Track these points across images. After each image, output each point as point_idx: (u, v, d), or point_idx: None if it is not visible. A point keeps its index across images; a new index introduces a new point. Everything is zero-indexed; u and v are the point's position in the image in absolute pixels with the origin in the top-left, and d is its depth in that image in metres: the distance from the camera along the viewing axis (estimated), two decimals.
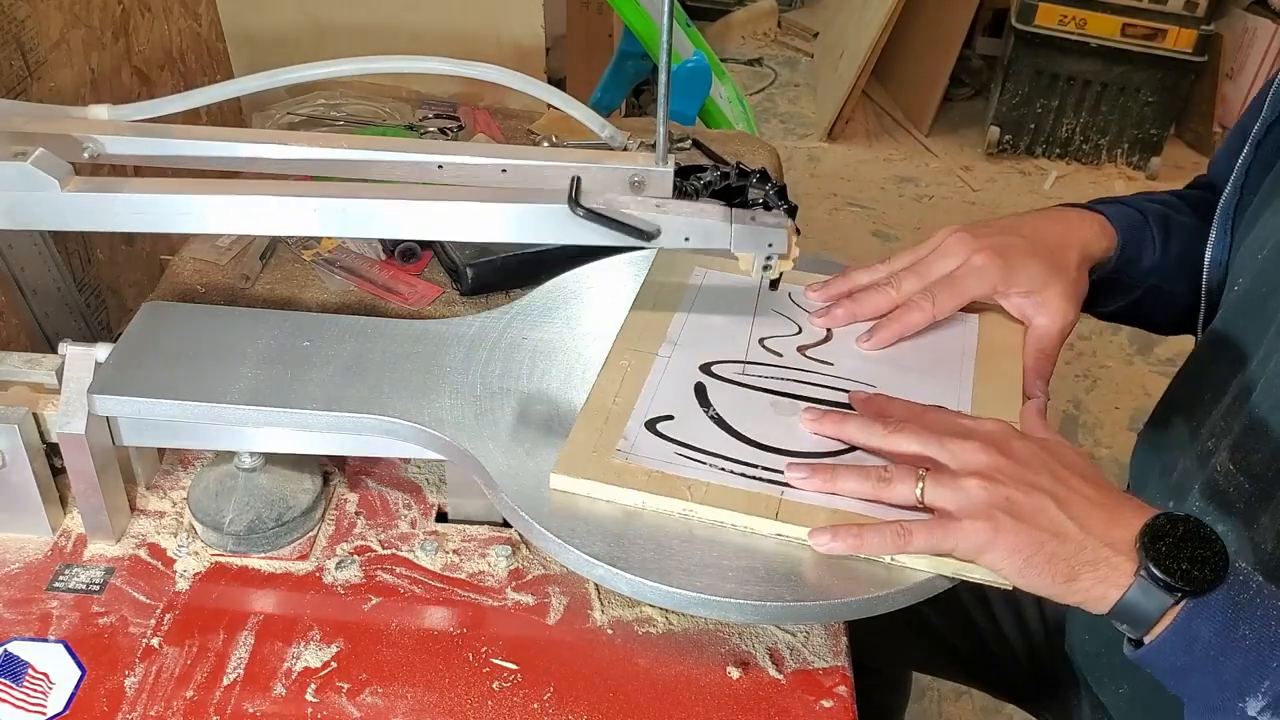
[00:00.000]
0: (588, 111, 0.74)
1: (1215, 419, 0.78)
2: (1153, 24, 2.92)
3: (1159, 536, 0.61)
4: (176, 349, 0.79)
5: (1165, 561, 0.60)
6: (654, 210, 0.72)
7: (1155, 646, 0.61)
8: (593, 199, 0.71)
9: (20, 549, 0.78)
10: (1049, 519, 0.63)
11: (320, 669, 0.72)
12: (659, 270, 0.89)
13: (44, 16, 1.24)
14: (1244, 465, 0.73)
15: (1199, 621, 0.60)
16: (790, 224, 0.73)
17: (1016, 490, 0.64)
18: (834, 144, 3.27)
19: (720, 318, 0.84)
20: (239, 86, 0.73)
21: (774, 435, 0.74)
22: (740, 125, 2.10)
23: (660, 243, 0.72)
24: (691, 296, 0.86)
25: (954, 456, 0.66)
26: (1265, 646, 0.59)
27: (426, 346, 0.82)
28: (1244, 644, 0.59)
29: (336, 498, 0.84)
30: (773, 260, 0.75)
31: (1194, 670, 0.61)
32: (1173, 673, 0.62)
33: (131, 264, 1.45)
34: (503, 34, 1.64)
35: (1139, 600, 0.61)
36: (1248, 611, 0.60)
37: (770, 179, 0.76)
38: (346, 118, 1.31)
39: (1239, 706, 0.60)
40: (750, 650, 0.73)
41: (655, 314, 0.84)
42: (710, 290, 0.87)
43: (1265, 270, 0.77)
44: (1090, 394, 2.34)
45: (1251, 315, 0.77)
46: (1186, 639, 0.60)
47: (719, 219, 0.73)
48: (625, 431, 0.73)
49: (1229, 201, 0.84)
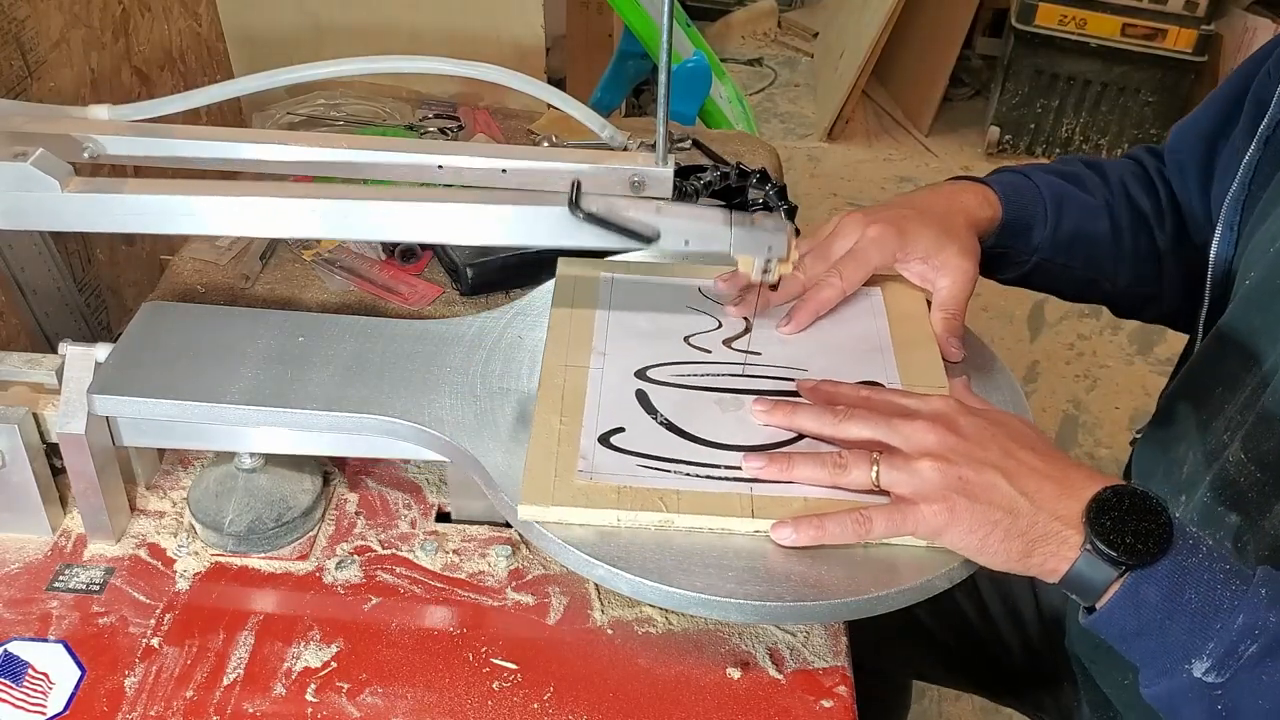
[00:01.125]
0: (588, 111, 0.74)
1: (1230, 412, 0.78)
2: (1153, 24, 2.92)
3: (1104, 510, 0.63)
4: (176, 349, 0.79)
5: (1109, 535, 0.62)
6: (654, 214, 0.72)
7: (1104, 613, 0.63)
8: (593, 201, 0.71)
9: (20, 549, 0.78)
10: (1001, 495, 0.65)
11: (320, 669, 0.72)
12: (562, 286, 0.87)
13: (44, 16, 1.24)
14: (1255, 455, 0.74)
15: (1145, 587, 0.62)
16: (790, 227, 0.74)
17: (968, 468, 0.66)
18: (834, 144, 3.27)
19: (640, 320, 0.84)
20: (239, 86, 0.73)
21: (726, 432, 0.74)
22: (740, 125, 2.10)
23: (660, 246, 0.72)
24: (605, 301, 0.85)
25: (905, 439, 0.68)
26: (1209, 610, 0.61)
27: (426, 346, 0.82)
28: (1189, 608, 0.61)
29: (336, 498, 0.84)
30: (772, 263, 0.75)
31: (1142, 635, 0.63)
32: (1122, 638, 0.64)
33: (131, 264, 1.45)
34: (503, 34, 1.64)
35: (1085, 572, 0.63)
36: (1194, 576, 0.61)
37: (770, 179, 0.76)
38: (346, 118, 1.31)
39: (1185, 668, 0.61)
40: (750, 650, 0.73)
41: (575, 326, 0.82)
42: (621, 293, 0.86)
43: (1276, 264, 0.77)
44: (1090, 394, 2.34)
45: (1264, 307, 0.78)
46: (1134, 604, 0.62)
47: (719, 222, 0.73)
48: (581, 450, 0.71)
49: (1236, 198, 0.85)
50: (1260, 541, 0.73)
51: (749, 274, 0.83)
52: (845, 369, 0.79)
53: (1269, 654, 0.59)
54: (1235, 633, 0.60)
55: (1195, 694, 0.62)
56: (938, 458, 0.66)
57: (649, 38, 1.91)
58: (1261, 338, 0.77)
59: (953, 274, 0.84)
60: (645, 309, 0.85)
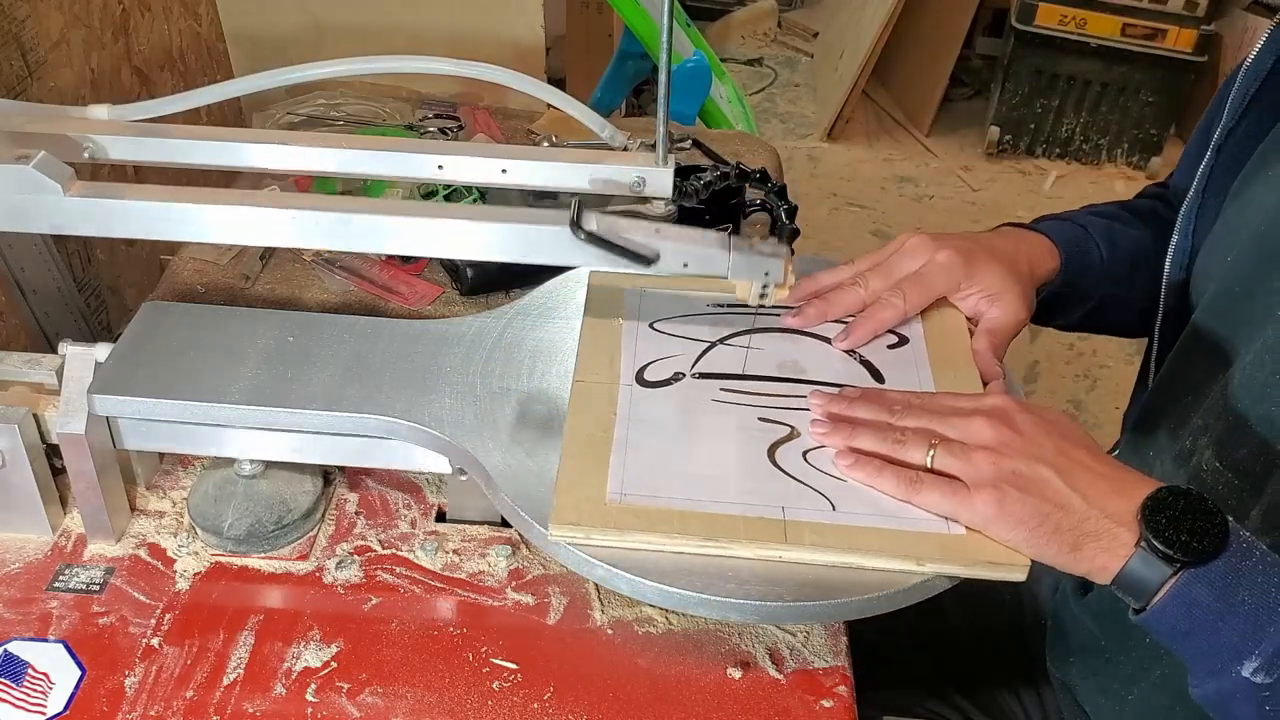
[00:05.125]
0: (588, 111, 0.74)
1: (1195, 420, 0.79)
2: (1153, 24, 2.92)
3: (1160, 509, 0.63)
4: (176, 349, 0.79)
5: (1165, 533, 0.62)
6: (654, 235, 0.71)
7: (1156, 611, 0.63)
8: (593, 220, 0.71)
9: (20, 549, 0.78)
10: (1054, 490, 0.65)
11: (320, 669, 0.72)
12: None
13: (44, 16, 1.24)
14: (1230, 462, 0.74)
15: (1198, 587, 0.62)
16: (787, 253, 0.73)
17: (1021, 463, 0.66)
18: (834, 144, 3.26)
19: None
20: (239, 86, 0.73)
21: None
22: (740, 125, 2.10)
23: (659, 268, 0.72)
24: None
25: (962, 432, 0.69)
26: (1263, 612, 0.61)
27: (426, 346, 0.82)
28: (1243, 609, 0.61)
29: (336, 498, 0.84)
30: (769, 288, 0.75)
31: (1194, 634, 0.63)
32: (1174, 637, 0.64)
33: (131, 264, 1.45)
34: (503, 34, 1.64)
35: (1139, 570, 0.63)
36: (1248, 578, 0.62)
37: (770, 179, 0.76)
38: (346, 118, 1.31)
39: (1235, 669, 0.61)
40: (750, 650, 0.73)
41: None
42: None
43: (1236, 271, 0.78)
44: (1090, 394, 2.34)
45: (1226, 315, 0.79)
46: (1187, 604, 0.62)
47: (717, 246, 0.73)
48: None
49: (1191, 206, 0.86)
50: None
51: (812, 288, 0.84)
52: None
53: None
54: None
55: (1244, 695, 0.62)
56: (992, 450, 0.67)
57: (649, 38, 1.91)
58: (1225, 344, 0.78)
59: (1005, 309, 0.83)
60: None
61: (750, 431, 0.74)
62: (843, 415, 0.74)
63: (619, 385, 0.77)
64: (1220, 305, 0.80)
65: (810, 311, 0.83)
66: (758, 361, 0.80)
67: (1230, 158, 0.84)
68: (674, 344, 0.82)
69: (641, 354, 0.80)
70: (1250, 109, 0.83)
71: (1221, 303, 0.79)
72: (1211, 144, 0.85)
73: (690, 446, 0.73)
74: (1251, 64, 0.83)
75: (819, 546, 0.66)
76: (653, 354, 0.80)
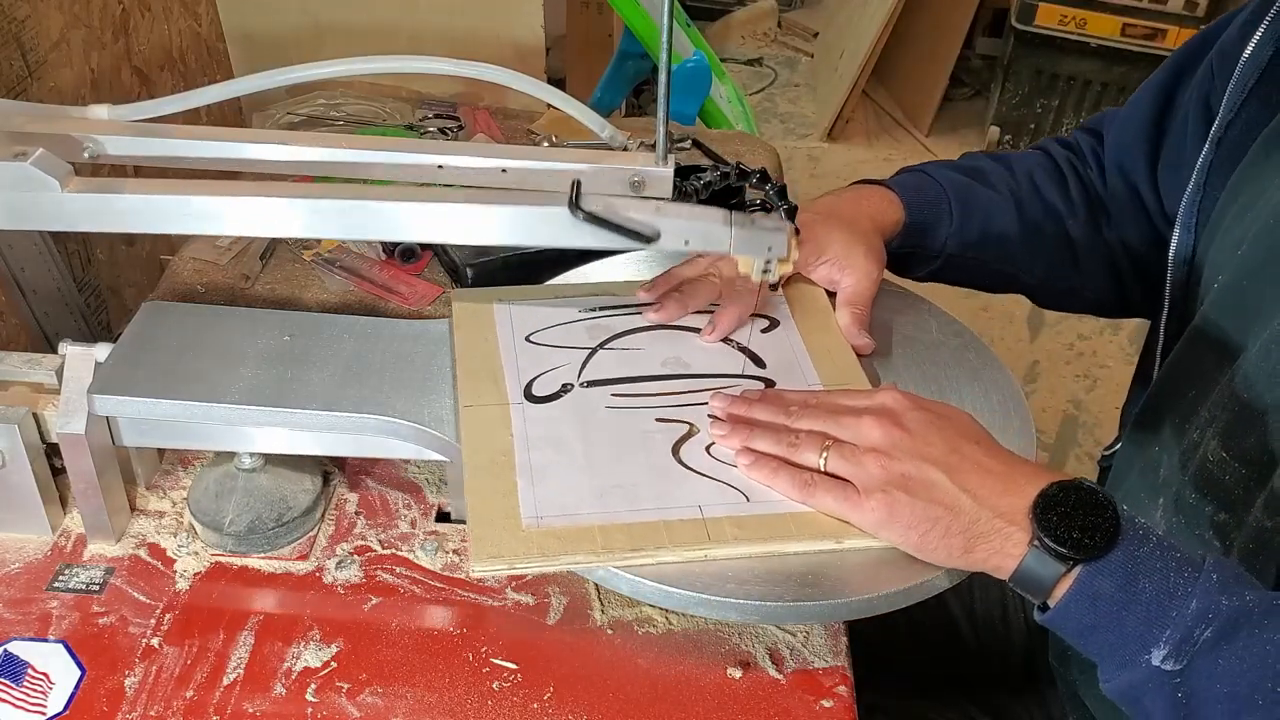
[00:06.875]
0: (588, 111, 0.74)
1: (1202, 413, 0.79)
2: (1153, 24, 2.92)
3: (1051, 506, 0.63)
4: (176, 349, 0.79)
5: (1057, 531, 0.63)
6: (654, 214, 0.72)
7: (1060, 610, 0.64)
8: (593, 201, 0.71)
9: (20, 549, 0.78)
10: (942, 493, 0.66)
11: (320, 669, 0.72)
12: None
13: (44, 16, 1.24)
14: (1236, 451, 0.74)
15: (1100, 579, 0.62)
16: (790, 227, 0.73)
17: (910, 464, 0.67)
18: (834, 144, 3.26)
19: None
20: (239, 86, 0.73)
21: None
22: (740, 125, 2.09)
23: (660, 245, 0.72)
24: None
25: (853, 433, 0.70)
26: (1164, 597, 0.61)
27: (426, 346, 0.82)
28: (1144, 596, 0.61)
29: (336, 498, 0.84)
30: (772, 263, 0.75)
31: (1100, 627, 0.63)
32: (1080, 633, 0.64)
33: (131, 264, 1.45)
34: (503, 34, 1.64)
35: (1034, 568, 0.63)
36: (1147, 565, 0.62)
37: (770, 179, 0.76)
38: (346, 118, 1.31)
39: (1144, 658, 0.62)
40: (750, 650, 0.73)
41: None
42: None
43: (1245, 264, 0.78)
44: (1090, 394, 2.34)
45: (1234, 307, 0.78)
46: (1090, 596, 0.62)
47: (718, 222, 0.73)
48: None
49: (1191, 199, 0.86)
50: (1244, 534, 0.73)
51: (670, 283, 0.84)
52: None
53: (1223, 638, 0.60)
54: (1190, 618, 0.60)
55: (1155, 684, 0.62)
56: (881, 453, 0.68)
57: (649, 38, 1.91)
58: (1233, 336, 0.78)
59: (857, 274, 0.86)
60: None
61: (651, 434, 0.75)
62: (741, 417, 0.75)
63: (509, 405, 0.76)
64: (1228, 298, 0.79)
65: (671, 306, 0.85)
66: (642, 362, 0.81)
67: (1230, 150, 0.83)
68: (555, 355, 0.81)
69: (525, 369, 0.79)
70: (1250, 100, 0.83)
71: (1230, 295, 0.79)
72: (1210, 137, 0.84)
73: (595, 459, 0.72)
74: (1250, 54, 0.83)
75: (743, 540, 0.67)
76: (536, 368, 0.79)
